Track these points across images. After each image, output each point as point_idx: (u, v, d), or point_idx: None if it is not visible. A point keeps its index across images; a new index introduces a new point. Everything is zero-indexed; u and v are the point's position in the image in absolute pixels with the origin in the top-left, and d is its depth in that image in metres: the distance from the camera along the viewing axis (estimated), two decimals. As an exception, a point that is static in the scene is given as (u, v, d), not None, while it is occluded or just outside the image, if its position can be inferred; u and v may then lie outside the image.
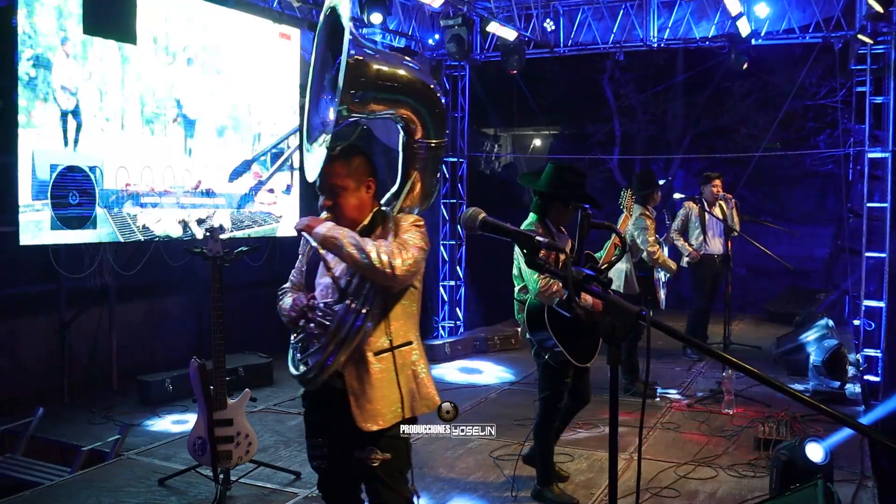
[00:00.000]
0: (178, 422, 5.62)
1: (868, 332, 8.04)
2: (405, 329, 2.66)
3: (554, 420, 4.15)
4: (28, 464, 4.89)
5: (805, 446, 3.94)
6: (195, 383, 4.04)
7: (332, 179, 2.60)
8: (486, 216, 2.00)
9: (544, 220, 3.98)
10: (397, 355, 2.62)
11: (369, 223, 2.65)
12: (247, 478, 4.42)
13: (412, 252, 2.51)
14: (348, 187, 2.61)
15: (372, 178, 2.67)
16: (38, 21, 5.30)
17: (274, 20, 7.26)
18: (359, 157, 2.66)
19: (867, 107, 8.00)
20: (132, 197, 5.98)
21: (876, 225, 8.04)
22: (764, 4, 7.88)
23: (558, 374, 4.02)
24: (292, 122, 7.55)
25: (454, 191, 10.05)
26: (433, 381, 2.76)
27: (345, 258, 2.48)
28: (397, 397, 2.61)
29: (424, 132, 2.70)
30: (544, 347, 3.97)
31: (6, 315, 6.11)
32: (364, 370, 2.56)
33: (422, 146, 2.71)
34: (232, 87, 6.87)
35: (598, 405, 5.40)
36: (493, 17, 8.36)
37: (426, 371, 2.72)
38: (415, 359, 2.68)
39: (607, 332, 1.65)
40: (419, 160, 2.73)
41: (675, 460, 4.77)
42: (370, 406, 2.56)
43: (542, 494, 4.15)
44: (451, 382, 6.93)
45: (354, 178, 2.62)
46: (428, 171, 2.76)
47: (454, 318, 10.13)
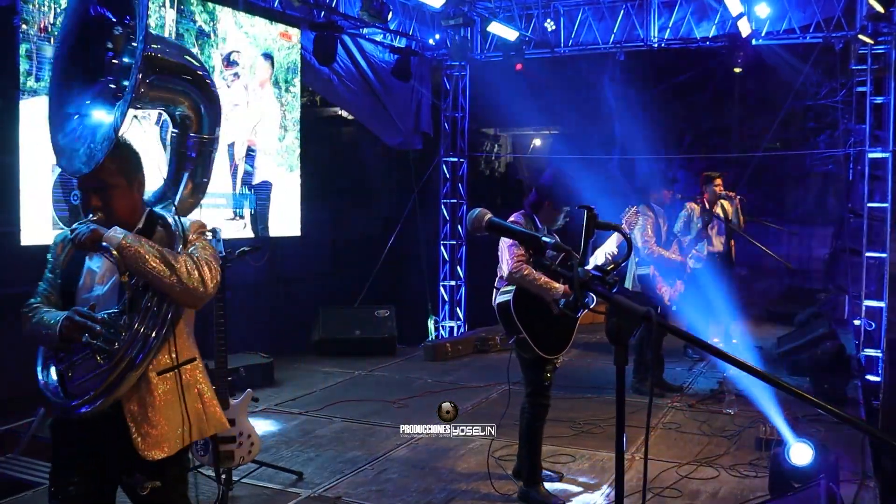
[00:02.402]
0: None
1: (868, 331, 8.04)
2: (188, 344, 2.44)
3: (540, 418, 4.16)
4: (29, 464, 4.89)
5: (788, 449, 3.94)
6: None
7: (102, 175, 2.28)
8: (492, 217, 2.01)
9: (531, 216, 4.07)
10: (182, 373, 2.38)
11: (144, 226, 2.38)
12: (249, 478, 4.42)
13: (214, 263, 2.32)
14: (120, 185, 2.33)
15: (142, 176, 2.41)
16: (38, 20, 5.30)
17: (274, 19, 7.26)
18: (129, 152, 2.37)
19: (867, 107, 8.00)
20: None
21: (876, 225, 8.04)
22: (764, 4, 7.88)
23: (535, 366, 4.06)
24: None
25: (454, 190, 10.05)
26: (217, 400, 2.55)
27: (146, 275, 2.19)
28: (181, 420, 2.36)
29: (199, 126, 2.61)
30: (510, 334, 4.02)
31: (7, 315, 6.09)
32: (146, 392, 2.30)
33: (195, 141, 2.61)
34: (233, 87, 6.86)
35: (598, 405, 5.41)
36: (493, 17, 8.36)
37: (210, 390, 2.51)
38: (199, 377, 2.46)
39: (613, 332, 1.65)
40: (191, 156, 2.62)
41: (677, 460, 4.77)
42: (154, 432, 2.28)
43: (528, 495, 4.16)
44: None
45: (126, 176, 2.35)
46: (199, 166, 2.66)
47: (455, 318, 10.13)
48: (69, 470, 2.36)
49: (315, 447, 5.11)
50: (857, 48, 7.83)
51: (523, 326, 3.92)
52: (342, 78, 8.30)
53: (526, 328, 3.92)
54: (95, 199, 2.31)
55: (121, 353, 2.22)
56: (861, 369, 7.38)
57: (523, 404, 4.20)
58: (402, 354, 8.10)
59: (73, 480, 2.34)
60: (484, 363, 7.82)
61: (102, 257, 2.36)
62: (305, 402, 6.23)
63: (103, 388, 2.23)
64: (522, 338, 3.93)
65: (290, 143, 7.62)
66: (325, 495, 4.28)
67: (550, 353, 4.03)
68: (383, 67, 8.74)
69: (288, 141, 7.60)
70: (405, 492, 4.35)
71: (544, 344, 3.97)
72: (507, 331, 4.04)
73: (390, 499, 4.26)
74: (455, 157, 9.99)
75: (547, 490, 4.21)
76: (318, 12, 7.53)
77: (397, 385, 6.81)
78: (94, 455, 2.37)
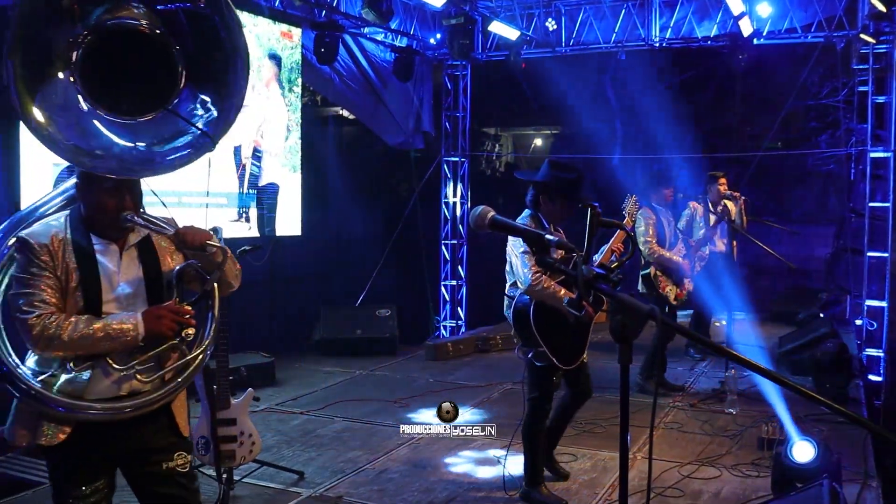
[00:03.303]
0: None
1: (870, 331, 8.04)
2: None
3: (542, 421, 4.12)
4: (29, 463, 4.88)
5: (792, 447, 3.93)
6: (198, 383, 4.02)
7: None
8: (495, 215, 2.00)
9: (537, 215, 4.01)
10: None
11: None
12: (250, 477, 4.41)
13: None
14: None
15: None
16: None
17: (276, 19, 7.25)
18: None
19: (869, 106, 8.00)
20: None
21: (878, 224, 8.04)
22: (766, 4, 7.87)
23: (544, 374, 4.00)
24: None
25: (455, 190, 10.04)
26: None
27: (225, 272, 2.45)
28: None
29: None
30: (528, 346, 3.96)
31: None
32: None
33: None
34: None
35: (600, 405, 5.40)
36: (494, 17, 8.35)
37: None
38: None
39: (618, 330, 1.65)
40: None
41: (679, 460, 4.76)
42: (182, 408, 2.53)
43: (530, 496, 4.13)
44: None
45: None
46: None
47: (456, 318, 10.13)
48: (94, 475, 2.40)
49: (316, 447, 5.10)
50: (858, 47, 7.83)
51: (542, 339, 3.85)
52: (343, 77, 8.29)
53: (545, 340, 3.86)
54: (129, 201, 2.36)
55: (197, 342, 2.39)
56: (863, 369, 7.37)
57: (527, 406, 4.12)
58: (403, 354, 8.09)
59: (96, 487, 2.40)
60: (485, 363, 7.82)
61: (115, 254, 2.39)
62: (306, 401, 6.23)
63: (182, 381, 2.40)
64: (542, 351, 3.86)
65: (293, 144, 7.61)
66: (326, 495, 4.28)
67: (568, 364, 3.97)
68: (384, 67, 8.73)
69: (292, 141, 7.59)
70: (406, 491, 4.34)
71: (561, 354, 3.92)
72: (524, 342, 3.96)
73: (391, 498, 4.25)
74: (456, 157, 9.99)
75: (549, 490, 4.19)
76: (320, 12, 7.53)
77: (398, 385, 6.80)
78: (109, 459, 2.45)
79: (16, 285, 2.29)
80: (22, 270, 2.28)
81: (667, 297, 6.15)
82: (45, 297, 2.25)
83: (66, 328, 2.22)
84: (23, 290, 2.26)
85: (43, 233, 2.32)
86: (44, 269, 2.27)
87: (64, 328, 2.21)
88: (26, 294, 2.25)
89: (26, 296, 2.24)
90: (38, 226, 2.35)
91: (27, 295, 2.25)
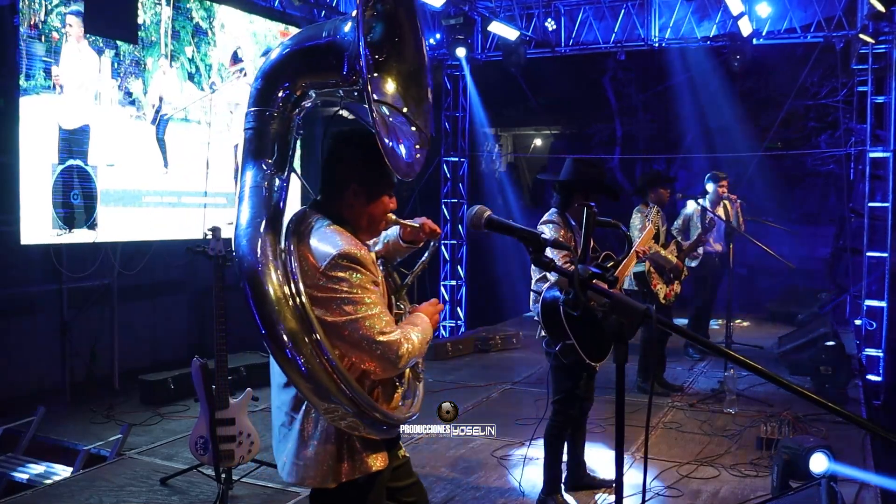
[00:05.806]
0: (179, 421, 5.62)
1: (870, 331, 8.04)
2: None
3: (566, 427, 3.99)
4: (30, 463, 4.89)
5: (811, 455, 3.93)
6: (197, 383, 4.03)
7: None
8: (491, 214, 2.00)
9: (564, 214, 3.95)
10: None
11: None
12: (249, 477, 4.41)
13: None
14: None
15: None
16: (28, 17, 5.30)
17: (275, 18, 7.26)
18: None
19: (868, 106, 8.01)
20: (134, 196, 5.97)
21: (877, 224, 8.06)
22: (765, 4, 7.88)
23: (571, 372, 3.84)
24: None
25: (455, 190, 10.05)
26: None
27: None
28: None
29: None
30: (556, 342, 3.78)
31: (8, 315, 6.10)
32: None
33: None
34: (237, 84, 6.86)
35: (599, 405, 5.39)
36: (494, 17, 8.36)
37: None
38: None
39: (614, 330, 1.65)
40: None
41: (678, 460, 4.76)
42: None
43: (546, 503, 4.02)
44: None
45: None
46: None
47: (455, 318, 10.14)
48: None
49: (315, 447, 5.09)
50: (857, 47, 7.84)
51: (572, 331, 3.64)
52: (343, 77, 8.29)
53: (574, 333, 3.65)
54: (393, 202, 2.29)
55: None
56: (862, 369, 7.38)
57: (551, 409, 3.99)
58: (402, 354, 8.08)
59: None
60: (484, 363, 7.81)
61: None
62: (306, 401, 6.22)
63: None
64: (570, 344, 3.66)
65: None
66: (325, 495, 4.27)
67: (595, 360, 3.75)
68: (384, 67, 8.73)
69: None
70: (405, 491, 4.33)
71: (589, 349, 3.70)
72: (552, 335, 3.77)
73: (391, 498, 4.25)
74: (456, 157, 10.00)
75: (565, 499, 4.04)
76: (319, 11, 7.54)
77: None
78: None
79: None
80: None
81: (657, 294, 6.15)
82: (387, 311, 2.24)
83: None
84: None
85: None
86: (374, 286, 2.16)
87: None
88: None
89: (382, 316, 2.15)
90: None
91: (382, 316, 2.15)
